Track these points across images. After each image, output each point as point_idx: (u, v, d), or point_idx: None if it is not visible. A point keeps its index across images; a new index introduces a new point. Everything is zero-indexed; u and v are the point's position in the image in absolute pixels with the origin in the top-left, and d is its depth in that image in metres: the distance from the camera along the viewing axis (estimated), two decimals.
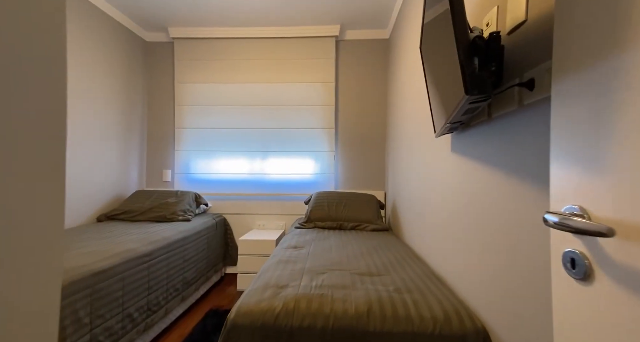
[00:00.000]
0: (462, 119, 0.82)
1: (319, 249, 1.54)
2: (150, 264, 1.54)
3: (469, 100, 0.58)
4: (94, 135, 2.16)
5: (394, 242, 1.72)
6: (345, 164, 2.70)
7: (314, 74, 2.66)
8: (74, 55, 1.99)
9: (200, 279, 2.10)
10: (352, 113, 2.70)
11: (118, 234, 1.72)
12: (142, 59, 2.71)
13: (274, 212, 2.66)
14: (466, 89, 0.55)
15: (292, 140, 2.66)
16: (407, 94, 1.86)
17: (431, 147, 1.39)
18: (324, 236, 1.83)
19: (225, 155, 2.67)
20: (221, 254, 2.50)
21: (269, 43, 2.67)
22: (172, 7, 2.32)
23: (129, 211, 2.18)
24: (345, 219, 2.11)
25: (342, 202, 2.22)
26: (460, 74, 0.55)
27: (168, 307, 1.69)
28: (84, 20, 2.07)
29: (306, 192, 2.65)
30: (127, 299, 1.36)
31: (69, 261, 1.18)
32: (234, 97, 2.67)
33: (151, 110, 2.76)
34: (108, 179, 2.31)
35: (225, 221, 2.62)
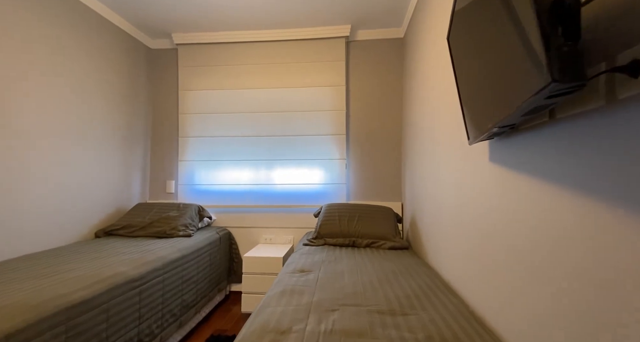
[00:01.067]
0: (516, 122, 0.61)
1: (329, 273, 1.34)
2: (141, 289, 1.38)
3: (551, 90, 0.38)
4: (94, 145, 2.06)
5: (416, 264, 1.49)
6: (357, 173, 2.50)
7: (323, 77, 2.50)
8: (77, 63, 1.91)
9: (202, 300, 1.94)
10: (365, 118, 2.50)
11: (111, 253, 1.58)
12: (146, 66, 2.63)
13: (281, 225, 2.48)
14: (552, 74, 0.35)
15: (300, 148, 2.49)
16: (429, 95, 1.65)
17: (462, 155, 1.17)
18: (335, 256, 1.63)
19: (231, 165, 2.52)
20: (225, 271, 2.33)
21: (276, 46, 2.54)
22: (176, 12, 2.22)
23: (128, 226, 2.05)
24: (358, 235, 1.90)
25: (355, 215, 2.01)
26: (539, 53, 0.36)
27: (163, 336, 1.52)
28: (87, 28, 1.99)
29: (316, 203, 2.46)
30: (111, 333, 1.20)
31: (42, 292, 1.03)
32: (240, 104, 2.54)
33: (155, 119, 2.67)
34: (109, 192, 2.20)
35: (230, 235, 2.46)
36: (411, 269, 1.41)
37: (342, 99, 2.48)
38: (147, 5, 2.14)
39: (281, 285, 1.20)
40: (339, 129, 2.48)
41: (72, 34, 1.91)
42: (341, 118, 2.48)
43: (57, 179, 1.80)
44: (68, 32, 1.87)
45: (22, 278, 1.15)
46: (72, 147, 1.91)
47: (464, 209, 1.15)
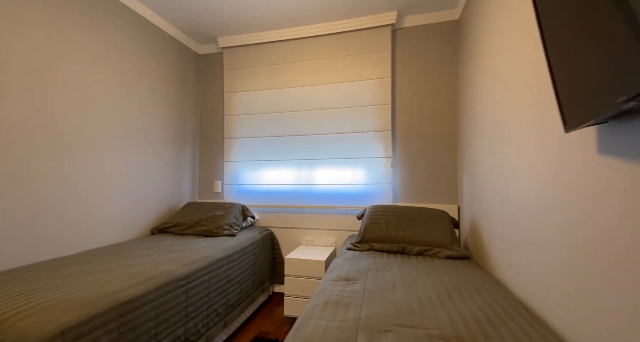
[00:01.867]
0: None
1: (378, 284, 1.20)
2: (188, 288, 1.39)
3: None
4: (148, 148, 2.20)
5: (481, 278, 1.27)
6: (405, 173, 2.29)
7: (367, 70, 2.35)
8: (134, 72, 2.05)
9: (246, 300, 1.93)
10: (413, 111, 2.29)
11: (161, 251, 1.64)
12: (195, 71, 2.76)
13: (323, 227, 2.39)
14: None
15: (342, 146, 2.37)
16: (499, 79, 1.41)
17: (551, 146, 0.94)
18: (384, 264, 1.47)
19: (273, 164, 2.51)
20: (268, 272, 2.32)
21: (317, 42, 2.46)
22: (221, 16, 2.28)
23: (178, 224, 2.15)
24: (409, 241, 1.71)
25: (403, 219, 1.82)
26: None
27: (209, 335, 1.53)
28: (144, 38, 2.14)
29: (359, 204, 2.32)
30: (160, 330, 1.22)
31: (97, 288, 1.08)
32: (281, 104, 2.51)
33: (203, 121, 2.78)
34: (162, 191, 2.34)
35: (273, 235, 2.44)
36: (476, 283, 1.20)
37: (387, 92, 2.30)
38: (196, 13, 2.22)
39: (324, 294, 1.10)
40: (384, 125, 2.30)
41: (131, 45, 2.05)
42: (386, 113, 2.30)
43: (119, 179, 1.95)
44: (127, 44, 2.02)
45: (83, 273, 1.23)
46: (130, 150, 2.05)
47: (555, 216, 0.91)
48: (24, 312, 0.86)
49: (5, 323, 0.81)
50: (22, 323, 0.82)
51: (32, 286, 1.06)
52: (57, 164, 1.57)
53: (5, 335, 0.79)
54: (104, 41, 1.85)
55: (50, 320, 0.86)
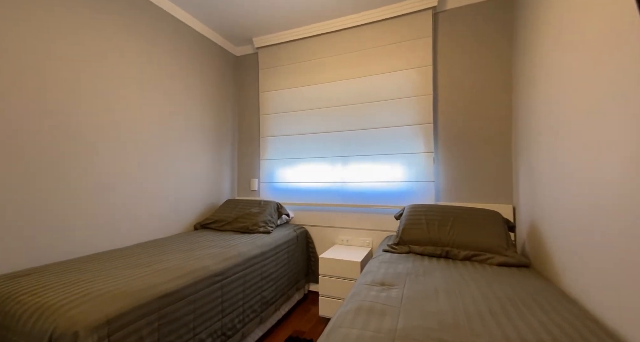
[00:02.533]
0: None
1: (418, 291, 1.08)
2: (223, 284, 1.42)
3: None
4: (191, 148, 2.32)
5: (545, 291, 1.08)
6: (449, 169, 2.09)
7: (406, 59, 2.19)
8: (177, 76, 2.17)
9: (281, 298, 1.93)
10: (458, 101, 2.08)
11: (201, 246, 1.71)
12: (233, 73, 2.85)
13: (359, 227, 2.30)
14: None
15: (379, 142, 2.25)
16: (568, 58, 1.19)
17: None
18: (425, 269, 1.34)
19: (307, 162, 2.48)
20: (303, 270, 2.30)
21: (352, 33, 2.36)
22: (256, 16, 2.30)
23: (218, 220, 2.23)
24: (454, 245, 1.54)
25: (448, 219, 1.66)
26: None
27: (245, 331, 1.55)
28: (185, 43, 2.25)
29: (398, 203, 2.18)
30: (198, 324, 1.25)
31: (140, 280, 1.14)
32: (315, 100, 2.47)
33: (240, 120, 2.87)
34: (204, 188, 2.45)
35: (307, 233, 2.42)
36: (538, 296, 1.02)
37: (428, 81, 2.12)
38: (232, 15, 2.28)
39: (357, 299, 1.02)
40: (425, 117, 2.13)
41: (175, 50, 2.17)
42: (427, 104, 2.12)
43: (166, 177, 2.08)
44: (172, 49, 2.14)
45: (128, 266, 1.32)
46: (175, 150, 2.18)
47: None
48: (75, 301, 0.94)
49: (58, 311, 0.89)
50: (73, 312, 0.89)
51: (83, 276, 1.15)
52: (111, 162, 1.72)
53: (57, 323, 0.85)
54: (150, 47, 1.97)
55: (97, 310, 0.92)
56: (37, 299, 0.95)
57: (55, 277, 1.14)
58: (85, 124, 1.59)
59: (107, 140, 1.70)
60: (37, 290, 1.01)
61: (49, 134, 1.44)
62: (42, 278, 1.13)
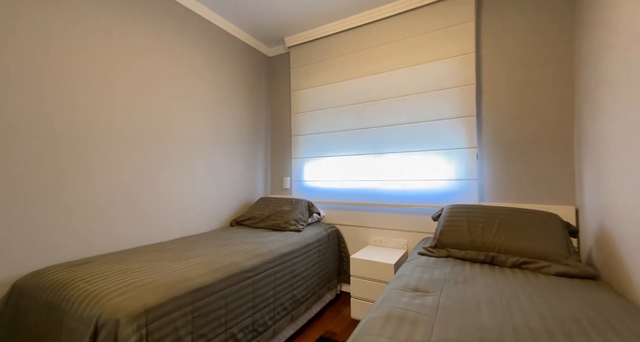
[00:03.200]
0: None
1: (456, 300, 0.98)
2: (254, 280, 1.44)
3: None
4: (227, 148, 2.42)
5: (619, 308, 0.90)
6: (495, 165, 1.90)
7: (444, 47, 2.03)
8: (214, 78, 2.28)
9: (312, 297, 1.92)
10: (506, 91, 1.87)
11: (234, 242, 1.76)
12: (266, 73, 2.91)
13: (393, 227, 2.19)
14: None
15: (414, 138, 2.12)
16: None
17: None
18: (465, 275, 1.22)
19: (339, 160, 2.44)
20: (335, 270, 2.27)
21: (385, 24, 2.26)
22: (286, 14, 2.31)
23: (252, 218, 2.30)
24: (500, 250, 1.38)
25: (493, 221, 1.49)
26: None
27: (276, 328, 1.57)
28: (221, 47, 2.35)
29: (435, 204, 2.03)
30: (230, 318, 1.28)
31: (176, 273, 1.19)
32: (347, 96, 2.41)
33: (273, 121, 2.92)
34: (239, 186, 2.54)
35: (339, 232, 2.38)
36: (611, 316, 0.86)
37: (470, 70, 1.94)
38: (263, 16, 2.32)
39: (387, 305, 0.96)
40: (467, 110, 1.95)
41: (212, 54, 2.27)
42: (469, 95, 1.94)
43: (204, 175, 2.19)
44: (207, 53, 2.24)
45: (167, 259, 1.40)
46: (213, 149, 2.28)
47: None
48: (118, 290, 1.01)
49: (103, 299, 0.96)
50: (116, 300, 0.96)
51: (128, 267, 1.25)
52: (156, 162, 1.85)
53: (102, 310, 0.93)
54: (189, 52, 2.09)
55: (136, 300, 0.98)
56: (88, 287, 1.05)
57: (104, 267, 1.25)
58: (123, 124, 1.73)
59: (151, 140, 1.83)
60: (89, 278, 1.11)
61: (87, 133, 1.59)
62: (94, 267, 1.24)
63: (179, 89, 2.02)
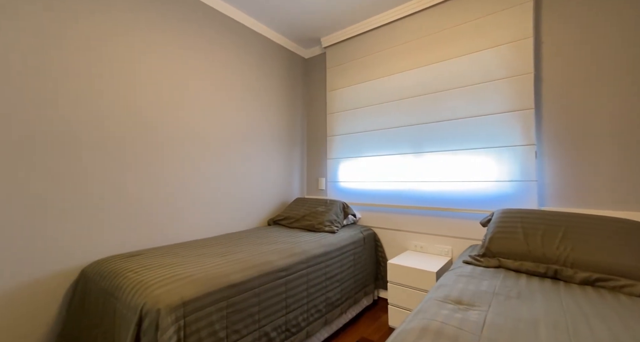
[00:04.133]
0: None
1: (508, 317, 0.85)
2: (287, 280, 1.44)
3: None
4: (266, 149, 2.49)
5: None
6: (560, 164, 1.65)
7: (495, 34, 1.83)
8: (255, 81, 2.37)
9: (347, 301, 1.87)
10: (572, 80, 1.61)
11: (269, 241, 1.79)
12: (302, 75, 2.94)
13: (436, 233, 2.04)
14: None
15: (458, 135, 1.95)
16: None
17: None
18: (520, 290, 1.06)
19: (375, 160, 2.34)
20: (372, 274, 2.18)
21: (426, 15, 2.13)
22: (321, 14, 2.30)
23: (288, 218, 2.32)
24: (566, 263, 1.18)
25: (557, 229, 1.29)
26: None
27: (309, 330, 1.55)
28: (260, 49, 2.44)
29: (484, 208, 1.83)
30: (263, 316, 1.30)
31: (213, 269, 1.24)
32: (384, 93, 2.32)
33: (309, 121, 2.93)
34: (277, 186, 2.60)
35: (376, 236, 2.29)
36: None
37: (527, 58, 1.72)
38: (300, 19, 2.34)
39: (424, 317, 0.87)
40: (523, 102, 1.73)
41: (250, 57, 2.37)
42: (526, 86, 1.72)
43: (244, 176, 2.28)
44: (247, 57, 2.34)
45: (206, 255, 1.47)
46: (252, 151, 2.37)
47: None
48: (161, 282, 1.08)
49: (148, 289, 1.04)
50: (158, 291, 1.03)
51: (173, 261, 1.34)
52: (199, 164, 1.98)
53: (147, 299, 1.00)
54: (233, 59, 2.20)
55: (176, 292, 1.04)
56: (136, 277, 1.14)
57: (153, 260, 1.35)
58: (168, 130, 1.87)
59: (194, 144, 1.96)
60: (137, 269, 1.22)
61: (138, 137, 1.74)
62: (145, 259, 1.36)
63: (219, 94, 2.13)
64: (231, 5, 2.16)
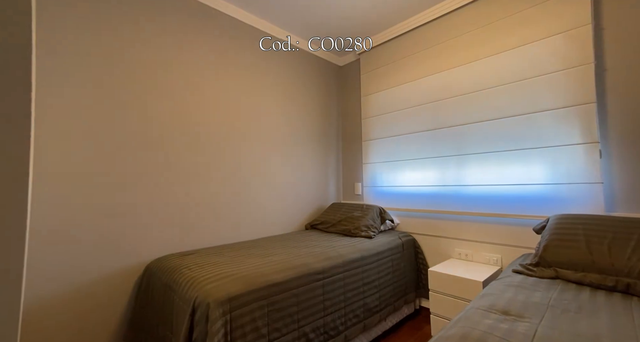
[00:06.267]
0: None
1: (564, 332, 0.78)
2: (324, 283, 1.47)
3: None
4: (303, 155, 2.59)
5: None
6: (630, 165, 1.44)
7: (547, 23, 1.70)
8: (293, 89, 2.50)
9: (386, 308, 1.83)
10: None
11: (307, 244, 1.84)
12: (337, 82, 3.01)
13: (482, 240, 1.90)
14: None
15: (506, 135, 1.82)
16: None
17: None
18: (580, 304, 0.95)
19: (413, 164, 2.28)
20: (413, 282, 2.10)
21: (462, 14, 2.05)
22: (354, 20, 2.33)
23: (324, 222, 2.37)
24: (639, 276, 1.03)
25: (629, 238, 1.13)
26: None
27: (348, 335, 1.55)
28: (299, 63, 2.57)
29: (538, 213, 1.67)
30: (302, 317, 1.34)
31: (255, 269, 1.33)
32: (420, 95, 2.26)
33: (344, 126, 2.97)
34: (313, 191, 2.67)
35: (415, 242, 2.21)
36: None
37: (586, 47, 1.55)
38: (334, 27, 2.42)
39: (464, 324, 0.83)
40: (582, 96, 1.56)
41: (292, 70, 2.50)
42: (585, 78, 1.55)
43: (284, 182, 2.39)
44: (289, 70, 2.48)
45: (249, 255, 1.57)
46: (290, 156, 2.48)
47: None
48: (211, 279, 1.19)
49: (199, 284, 1.16)
50: (208, 287, 1.14)
51: (221, 260, 1.46)
52: (244, 170, 2.13)
53: (198, 294, 1.11)
54: (276, 71, 2.35)
55: (223, 288, 1.14)
56: (190, 273, 1.28)
57: (204, 258, 1.49)
58: (224, 135, 2.05)
59: (237, 151, 2.12)
60: (191, 266, 1.36)
61: (199, 148, 1.93)
62: (197, 258, 1.51)
63: (265, 101, 2.28)
64: (269, 22, 2.32)
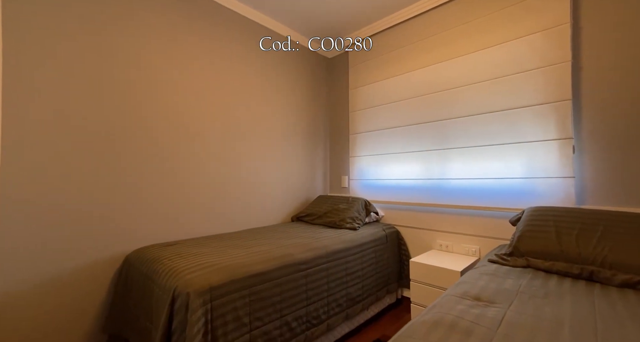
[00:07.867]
0: None
1: (529, 316, 0.82)
2: (307, 273, 1.49)
3: None
4: (290, 148, 2.57)
5: None
6: (602, 160, 1.51)
7: (527, 21, 1.74)
8: (282, 82, 2.47)
9: (369, 298, 1.87)
10: (617, 67, 1.47)
11: (291, 235, 1.85)
12: (325, 74, 2.98)
13: (462, 231, 1.97)
14: None
15: (486, 130, 1.86)
16: None
17: None
18: (548, 290, 1.01)
19: (398, 158, 2.32)
20: (395, 273, 2.16)
21: (446, 9, 2.06)
22: (342, 13, 2.32)
23: (310, 214, 2.38)
24: (605, 264, 1.09)
25: (594, 228, 1.19)
26: None
27: (330, 323, 1.58)
28: (284, 52, 2.53)
29: (514, 206, 1.74)
30: (284, 306, 1.36)
31: (237, 259, 1.33)
32: (405, 90, 2.28)
33: (332, 119, 2.97)
34: (300, 184, 2.67)
35: (399, 234, 2.26)
36: None
37: (564, 45, 1.60)
38: (321, 21, 2.39)
39: (438, 311, 0.86)
40: (559, 93, 1.61)
41: (279, 61, 2.46)
42: (562, 75, 1.60)
43: (269, 174, 2.38)
44: (276, 63, 2.44)
45: (232, 246, 1.57)
46: (277, 150, 2.46)
47: None
48: (191, 269, 1.19)
49: (179, 275, 1.15)
50: (188, 277, 1.13)
51: (202, 251, 1.45)
52: (228, 163, 2.10)
53: (178, 283, 1.10)
54: (262, 64, 2.31)
55: (203, 278, 1.13)
56: (170, 264, 1.26)
57: (185, 249, 1.48)
58: (210, 128, 2.01)
59: (223, 143, 2.09)
60: (172, 256, 1.34)
61: (181, 141, 1.89)
62: (179, 248, 1.49)
63: (250, 93, 2.25)
64: (260, 12, 2.27)
